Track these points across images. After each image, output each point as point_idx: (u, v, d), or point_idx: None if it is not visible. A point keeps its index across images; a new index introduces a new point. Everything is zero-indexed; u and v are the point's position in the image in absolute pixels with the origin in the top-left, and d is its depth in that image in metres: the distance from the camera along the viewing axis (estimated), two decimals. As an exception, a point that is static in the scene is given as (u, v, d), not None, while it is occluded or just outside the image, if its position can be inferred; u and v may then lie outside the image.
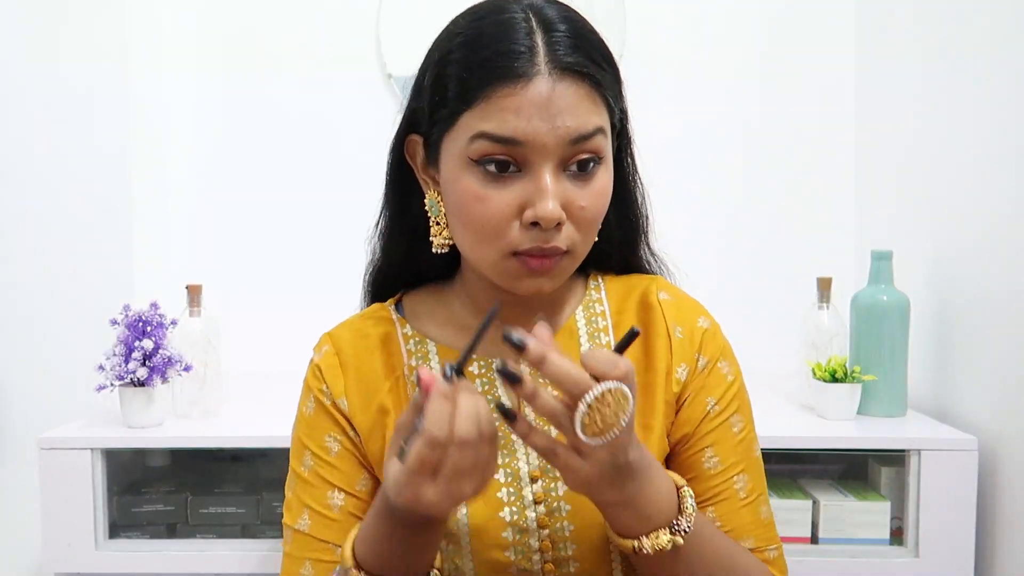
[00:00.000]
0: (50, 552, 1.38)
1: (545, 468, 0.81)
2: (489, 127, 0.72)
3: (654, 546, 0.71)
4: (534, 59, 0.72)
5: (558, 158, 0.73)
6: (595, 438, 0.63)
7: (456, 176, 0.75)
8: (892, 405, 1.46)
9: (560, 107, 0.72)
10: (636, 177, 0.88)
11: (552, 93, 0.71)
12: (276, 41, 1.91)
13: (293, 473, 0.87)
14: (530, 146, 0.72)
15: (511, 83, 0.71)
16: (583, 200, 0.75)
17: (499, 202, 0.73)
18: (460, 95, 0.74)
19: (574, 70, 0.72)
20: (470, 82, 0.73)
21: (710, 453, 0.84)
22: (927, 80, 1.60)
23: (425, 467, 0.63)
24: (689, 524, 0.72)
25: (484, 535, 0.80)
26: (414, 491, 0.63)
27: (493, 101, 0.72)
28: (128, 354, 1.41)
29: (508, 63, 0.72)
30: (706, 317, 0.88)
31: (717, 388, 0.85)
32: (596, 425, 0.63)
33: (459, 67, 0.74)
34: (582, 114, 0.73)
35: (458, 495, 0.64)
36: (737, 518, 0.83)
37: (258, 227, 1.93)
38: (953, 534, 1.33)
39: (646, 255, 0.92)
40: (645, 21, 1.84)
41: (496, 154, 0.73)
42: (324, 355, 0.87)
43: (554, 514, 0.81)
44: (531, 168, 0.73)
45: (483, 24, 0.75)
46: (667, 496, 0.72)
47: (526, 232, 0.74)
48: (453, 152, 0.75)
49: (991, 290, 1.37)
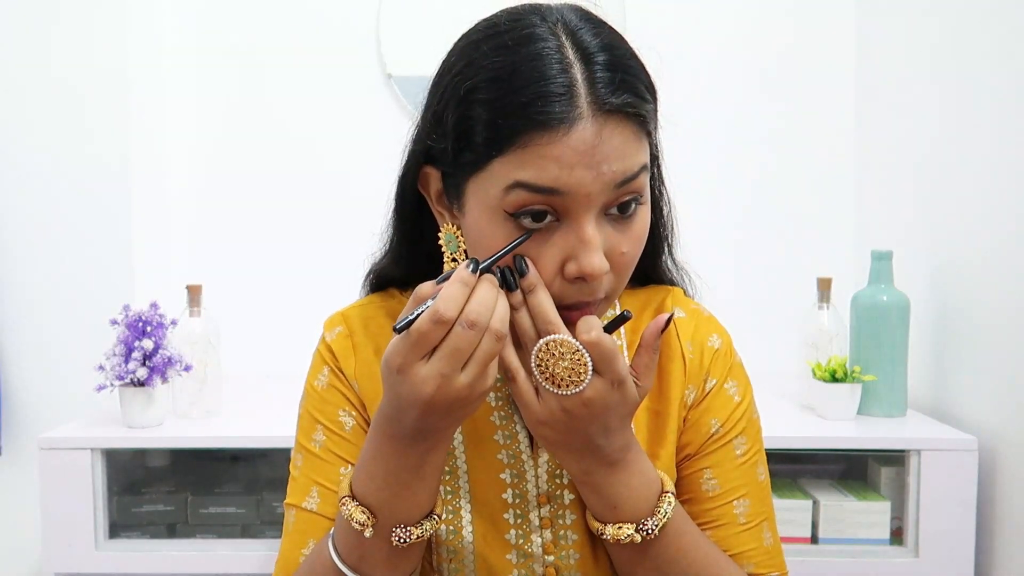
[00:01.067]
0: (50, 552, 1.38)
1: (553, 494, 0.80)
2: (527, 176, 0.65)
3: (614, 535, 0.72)
4: (574, 101, 0.64)
5: (600, 205, 0.67)
6: (546, 382, 0.67)
7: (487, 227, 0.68)
8: (892, 405, 1.46)
9: (606, 153, 0.65)
10: (663, 190, 0.84)
11: (597, 139, 0.64)
12: (276, 41, 1.91)
13: (302, 450, 0.82)
14: (572, 196, 0.65)
15: (551, 130, 0.64)
16: (624, 246, 0.69)
17: (539, 260, 0.68)
18: (491, 140, 0.66)
19: (620, 111, 0.65)
20: (503, 129, 0.65)
21: (709, 475, 0.82)
22: (927, 81, 1.60)
23: (424, 341, 0.62)
24: (656, 527, 0.72)
25: (488, 556, 0.79)
26: (406, 361, 0.63)
27: (531, 149, 0.64)
28: (128, 354, 1.41)
29: (546, 108, 0.64)
30: (719, 335, 0.85)
31: (723, 409, 0.83)
32: (547, 369, 0.66)
33: (488, 109, 0.66)
34: (628, 156, 0.66)
35: (449, 380, 0.63)
36: (737, 543, 0.81)
37: (258, 227, 1.93)
38: (953, 534, 1.33)
39: (668, 265, 0.88)
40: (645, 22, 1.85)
41: (534, 204, 0.66)
42: (338, 336, 0.84)
43: (560, 542, 0.80)
44: (572, 217, 0.67)
45: (513, 58, 0.66)
46: (641, 496, 0.72)
47: (569, 287, 0.69)
48: (482, 199, 0.68)
49: (991, 290, 1.37)
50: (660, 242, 0.86)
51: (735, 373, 0.85)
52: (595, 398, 0.67)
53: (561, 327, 0.67)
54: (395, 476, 0.69)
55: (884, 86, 1.78)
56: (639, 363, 0.71)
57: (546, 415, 0.68)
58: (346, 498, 0.71)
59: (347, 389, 0.82)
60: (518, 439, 0.81)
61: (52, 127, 1.72)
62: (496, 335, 0.64)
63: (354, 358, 0.82)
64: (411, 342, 0.62)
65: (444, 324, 0.62)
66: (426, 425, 0.66)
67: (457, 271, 0.64)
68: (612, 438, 0.70)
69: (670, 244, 0.87)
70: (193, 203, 1.93)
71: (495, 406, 0.82)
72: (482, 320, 0.63)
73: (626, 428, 0.71)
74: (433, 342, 0.62)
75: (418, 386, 0.63)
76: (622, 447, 0.71)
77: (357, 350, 0.83)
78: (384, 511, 0.70)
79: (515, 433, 0.81)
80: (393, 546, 0.70)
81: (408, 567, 0.74)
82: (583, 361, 0.66)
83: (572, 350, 0.66)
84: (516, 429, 0.81)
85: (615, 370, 0.67)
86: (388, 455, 0.69)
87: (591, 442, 0.69)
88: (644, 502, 0.72)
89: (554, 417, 0.68)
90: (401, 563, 0.73)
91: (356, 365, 0.82)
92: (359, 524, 0.69)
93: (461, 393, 0.64)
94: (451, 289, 0.63)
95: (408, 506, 0.70)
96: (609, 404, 0.68)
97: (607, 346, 0.66)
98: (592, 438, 0.69)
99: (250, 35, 1.92)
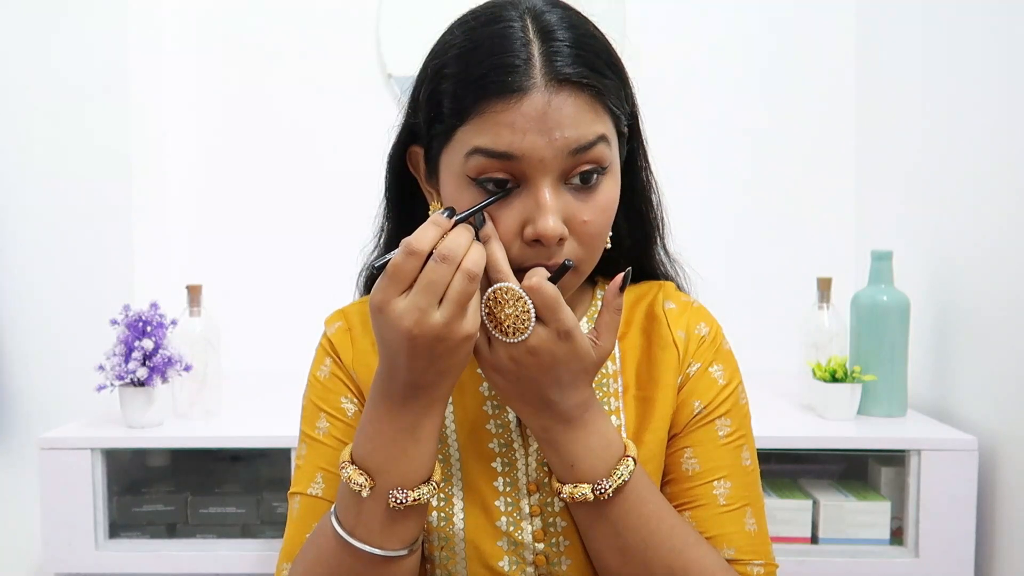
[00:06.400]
0: (50, 552, 1.38)
1: (543, 481, 0.81)
2: (483, 142, 0.70)
3: (570, 494, 0.73)
4: (530, 72, 0.69)
5: (558, 171, 0.71)
6: (494, 329, 0.70)
7: (455, 194, 0.73)
8: (892, 405, 1.47)
9: (557, 119, 0.69)
10: (650, 178, 0.86)
11: (548, 106, 0.69)
12: (276, 41, 1.92)
13: (306, 438, 0.85)
14: (527, 161, 0.70)
15: (505, 98, 0.69)
16: (586, 214, 0.72)
17: (500, 223, 0.72)
18: (455, 111, 0.71)
19: (572, 81, 0.69)
20: (465, 98, 0.70)
21: (689, 454, 0.82)
22: (927, 81, 1.60)
23: (399, 274, 0.66)
24: (611, 487, 0.73)
25: (479, 543, 0.80)
26: (385, 296, 0.67)
27: (487, 116, 0.69)
28: (128, 354, 1.41)
29: (502, 77, 0.69)
30: (707, 324, 0.86)
31: (707, 392, 0.83)
32: (494, 316, 0.70)
33: (453, 82, 0.72)
34: (582, 124, 0.70)
35: (425, 314, 0.65)
36: (715, 525, 0.80)
37: (258, 227, 1.93)
38: (953, 534, 1.33)
39: (661, 258, 0.90)
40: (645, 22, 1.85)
41: (493, 171, 0.71)
42: (337, 330, 0.87)
43: (550, 529, 0.81)
44: (530, 183, 0.71)
45: (478, 35, 0.72)
46: (599, 456, 0.74)
47: (528, 249, 0.72)
48: (451, 169, 0.73)
49: (991, 290, 1.37)
50: (651, 236, 0.88)
51: (721, 358, 0.86)
52: (540, 347, 0.69)
53: (510, 276, 0.69)
54: (391, 438, 0.71)
55: (884, 86, 1.78)
56: (600, 322, 0.74)
57: (497, 363, 0.71)
58: (345, 462, 0.73)
59: (347, 377, 0.85)
60: (510, 428, 0.82)
61: (52, 127, 1.72)
62: (468, 275, 0.66)
63: (352, 350, 0.86)
64: (388, 277, 0.67)
65: (417, 256, 0.66)
66: (414, 376, 0.69)
67: (432, 215, 0.69)
68: (566, 393, 0.72)
69: (662, 235, 0.88)
70: (193, 203, 1.93)
71: (488, 395, 0.83)
72: (453, 255, 0.66)
73: (582, 386, 0.73)
74: (409, 275, 0.66)
75: (396, 321, 0.66)
76: (579, 404, 0.73)
77: (355, 343, 0.86)
78: (382, 474, 0.71)
79: (507, 422, 0.82)
80: (390, 509, 0.72)
81: (406, 535, 0.73)
82: (526, 308, 0.69)
83: (516, 297, 0.69)
84: (508, 418, 0.82)
85: (559, 319, 0.69)
86: (384, 417, 0.71)
87: (543, 395, 0.71)
88: (602, 463, 0.74)
89: (504, 366, 0.71)
90: (398, 529, 0.73)
91: (354, 355, 0.85)
92: (357, 486, 0.71)
93: (440, 332, 0.66)
94: (424, 228, 0.68)
95: (404, 469, 0.72)
96: (557, 355, 0.70)
97: (548, 292, 0.68)
98: (544, 390, 0.71)
99: (250, 35, 1.92)
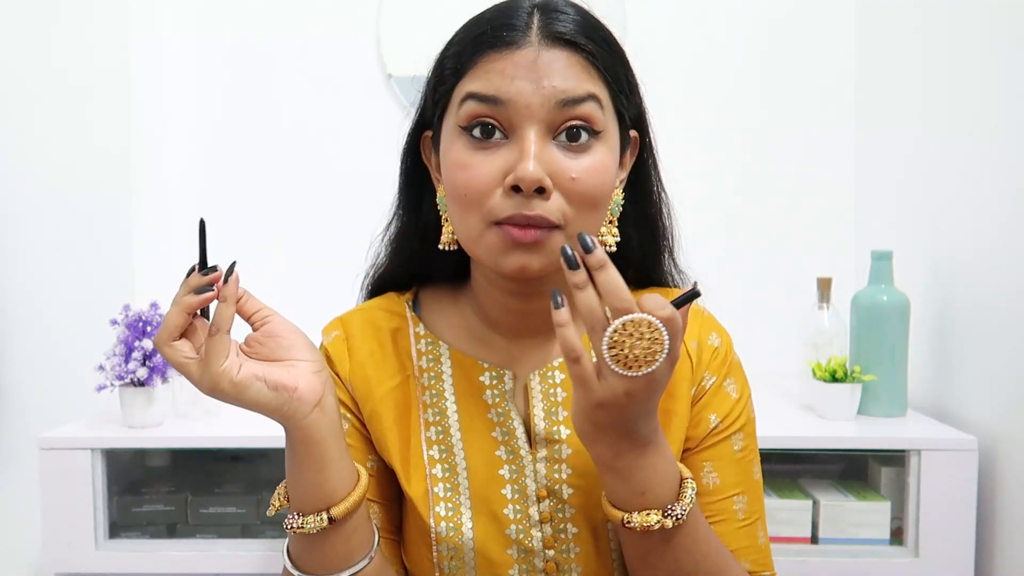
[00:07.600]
0: (50, 552, 1.38)
1: (552, 488, 0.80)
2: (475, 87, 0.72)
3: (642, 523, 0.69)
4: (527, 32, 0.73)
5: (545, 122, 0.72)
6: (616, 364, 0.63)
7: (448, 150, 0.75)
8: (892, 405, 1.47)
9: (547, 70, 0.71)
10: (660, 187, 0.85)
11: (539, 57, 0.71)
12: (276, 41, 1.91)
13: None
14: (514, 107, 0.71)
15: (500, 49, 0.72)
16: (574, 171, 0.72)
17: (482, 168, 0.72)
18: (455, 69, 0.75)
19: (565, 39, 0.72)
20: (464, 55, 0.74)
21: (709, 468, 0.82)
22: (927, 80, 1.60)
23: None
24: (683, 512, 0.69)
25: (489, 552, 0.79)
26: None
27: (481, 65, 0.73)
28: (128, 354, 1.41)
29: (500, 34, 0.73)
30: (719, 334, 0.86)
31: (722, 405, 0.83)
32: (622, 350, 0.63)
33: (457, 47, 0.76)
34: (571, 77, 0.72)
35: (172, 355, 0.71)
36: (735, 539, 0.81)
37: (258, 227, 1.93)
38: (953, 534, 1.33)
39: (669, 269, 0.89)
40: (645, 21, 1.85)
41: (481, 115, 0.72)
42: (333, 340, 0.86)
43: (560, 536, 0.80)
44: (516, 133, 0.72)
45: (485, 12, 0.77)
46: (667, 481, 0.70)
47: (508, 198, 0.71)
48: (448, 127, 0.76)
49: (991, 290, 1.37)
50: (661, 245, 0.87)
51: (733, 371, 0.86)
52: (658, 377, 0.65)
53: (635, 306, 0.63)
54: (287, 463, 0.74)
55: (884, 86, 1.78)
56: None
57: (605, 399, 0.65)
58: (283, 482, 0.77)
59: (342, 392, 0.85)
60: (516, 434, 0.81)
61: (52, 126, 1.72)
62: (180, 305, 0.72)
63: (349, 361, 0.85)
64: None
65: None
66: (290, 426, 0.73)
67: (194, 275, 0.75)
68: (651, 419, 0.69)
69: (671, 248, 0.88)
70: (193, 203, 1.93)
71: (492, 403, 0.82)
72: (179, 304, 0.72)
73: (656, 409, 0.69)
74: None
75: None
76: (654, 428, 0.69)
77: (353, 352, 0.85)
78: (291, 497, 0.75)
79: (512, 429, 0.81)
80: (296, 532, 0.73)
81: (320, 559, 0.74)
82: (660, 340, 0.63)
83: (652, 329, 0.63)
84: (513, 425, 0.81)
85: (678, 348, 0.65)
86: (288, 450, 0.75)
87: (634, 425, 0.67)
88: (669, 488, 0.70)
89: (614, 401, 0.65)
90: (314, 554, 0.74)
91: (351, 366, 0.85)
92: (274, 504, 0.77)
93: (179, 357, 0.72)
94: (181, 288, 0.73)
95: (296, 495, 0.74)
96: (664, 383, 0.66)
97: (679, 324, 0.64)
98: (637, 420, 0.67)
99: (250, 35, 1.92)
